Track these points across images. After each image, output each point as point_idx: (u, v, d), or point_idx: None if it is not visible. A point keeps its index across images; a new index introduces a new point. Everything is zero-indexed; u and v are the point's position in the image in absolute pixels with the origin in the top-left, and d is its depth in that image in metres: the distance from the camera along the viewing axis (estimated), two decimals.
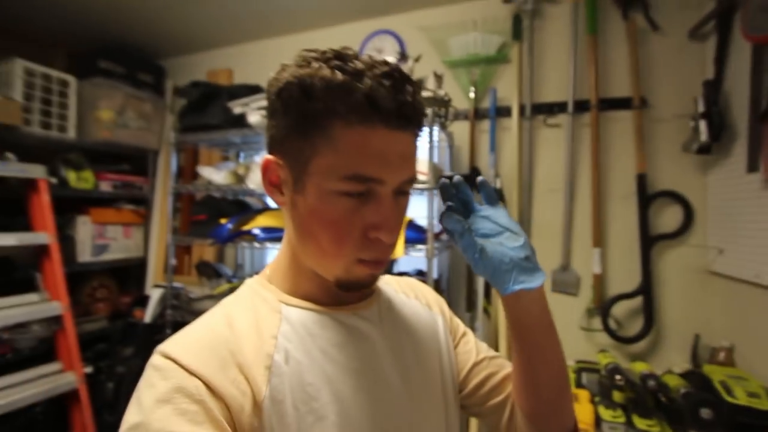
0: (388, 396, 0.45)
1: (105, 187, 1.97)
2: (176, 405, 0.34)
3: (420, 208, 1.30)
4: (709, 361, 1.30)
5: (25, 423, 1.54)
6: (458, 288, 1.70)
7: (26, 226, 1.56)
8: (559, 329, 0.52)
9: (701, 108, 1.24)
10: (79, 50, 2.05)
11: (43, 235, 1.52)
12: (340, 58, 0.39)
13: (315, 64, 0.38)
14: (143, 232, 2.19)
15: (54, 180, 1.74)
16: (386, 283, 0.58)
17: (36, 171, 1.53)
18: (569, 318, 1.53)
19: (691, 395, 1.07)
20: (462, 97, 1.69)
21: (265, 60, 2.01)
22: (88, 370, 1.71)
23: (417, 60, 1.30)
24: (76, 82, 1.85)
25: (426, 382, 0.51)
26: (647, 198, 1.42)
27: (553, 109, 1.57)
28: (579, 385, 1.34)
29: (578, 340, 1.52)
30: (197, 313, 1.84)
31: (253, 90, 1.54)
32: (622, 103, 1.47)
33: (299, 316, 0.45)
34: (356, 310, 0.48)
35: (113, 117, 1.91)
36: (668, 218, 1.43)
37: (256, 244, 1.43)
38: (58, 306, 1.51)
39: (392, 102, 0.38)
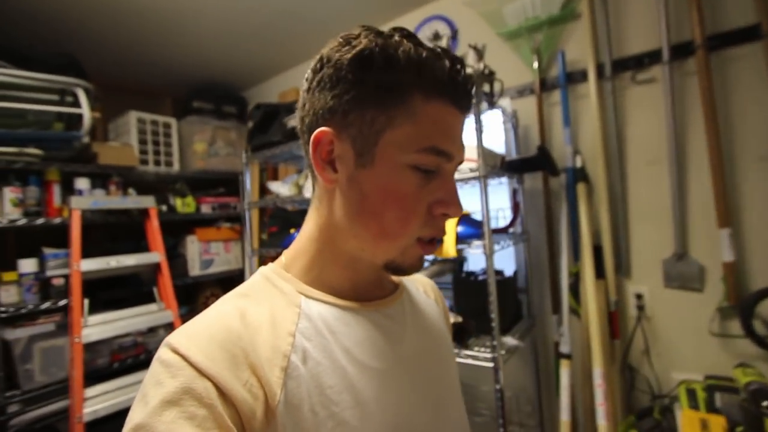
0: (411, 400, 0.43)
1: (205, 209, 2.27)
2: (184, 408, 0.32)
3: (472, 201, 1.17)
4: None
5: None
6: (540, 287, 1.48)
7: (146, 248, 1.87)
8: (680, 335, 0.44)
9: None
10: (179, 94, 2.41)
11: (156, 255, 1.79)
12: (413, 35, 0.40)
13: (396, 37, 0.39)
14: (240, 245, 2.45)
15: (164, 207, 2.06)
16: (410, 279, 0.56)
17: (147, 201, 1.83)
18: (693, 321, 1.20)
19: None
20: (525, 70, 1.48)
21: None
22: None
23: (478, 49, 1.15)
24: (176, 123, 2.17)
25: (448, 384, 0.50)
26: None
27: (643, 61, 1.26)
28: (711, 408, 1.03)
29: (708, 349, 1.18)
30: None
31: None
32: (744, 35, 1.11)
33: (320, 310, 0.42)
34: (381, 306, 0.46)
35: (205, 148, 2.19)
36: None
37: None
38: (170, 314, 1.77)
39: (463, 85, 0.41)
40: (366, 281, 0.45)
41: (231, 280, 2.48)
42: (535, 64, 1.44)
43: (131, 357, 1.85)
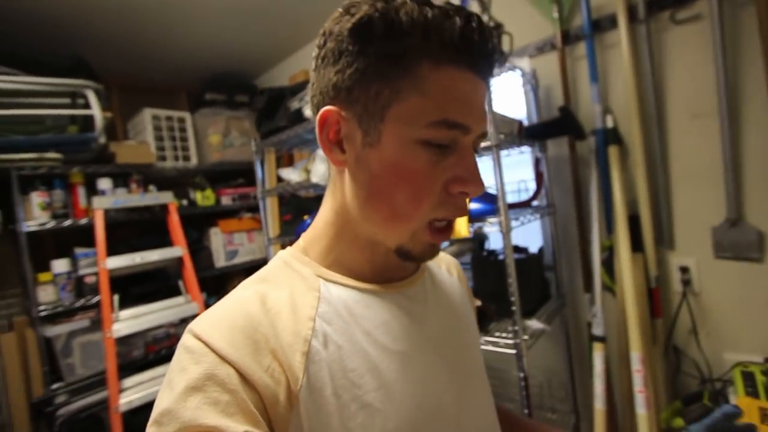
0: (436, 381, 0.42)
1: (226, 201, 2.28)
2: (208, 394, 0.32)
3: (487, 174, 1.06)
4: None
5: None
6: (570, 264, 1.36)
7: (170, 242, 1.91)
8: (734, 312, 0.41)
9: None
10: (194, 88, 2.41)
11: (177, 249, 1.83)
12: None
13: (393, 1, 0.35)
14: (263, 235, 2.47)
15: (185, 202, 2.09)
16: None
17: (165, 197, 1.86)
18: (750, 295, 1.05)
19: None
20: (544, 23, 1.32)
21: None
22: None
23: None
24: (190, 117, 2.17)
25: (472, 364, 0.49)
26: None
27: None
28: None
29: None
30: None
31: (307, 83, 1.53)
32: None
33: (340, 294, 0.41)
34: (402, 288, 0.45)
35: (220, 139, 2.18)
36: None
37: None
38: (195, 306, 1.81)
39: (481, 45, 0.36)
40: (385, 263, 0.44)
41: (257, 269, 2.51)
42: (555, 14, 1.27)
43: (165, 348, 1.93)
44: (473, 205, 1.07)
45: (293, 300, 0.40)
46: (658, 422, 1.05)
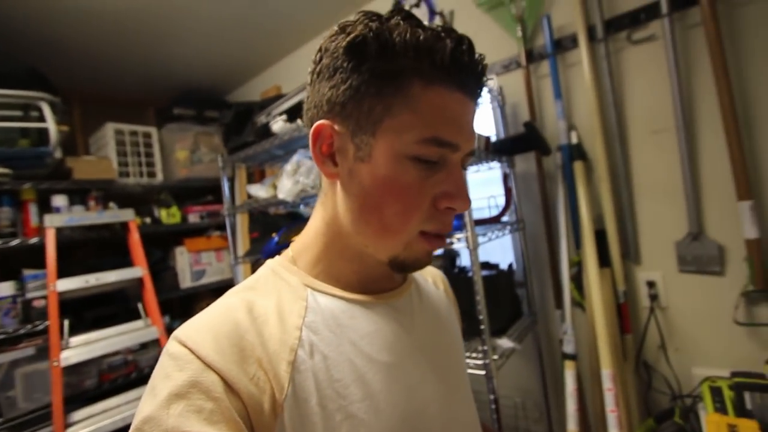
0: (421, 392, 0.43)
1: (193, 218, 2.20)
2: (191, 401, 0.32)
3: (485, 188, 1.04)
4: None
5: None
6: (541, 280, 1.34)
7: (131, 263, 1.80)
8: (700, 326, 0.44)
9: None
10: (162, 103, 2.35)
11: (137, 269, 1.73)
12: (413, 16, 0.38)
13: (393, 20, 0.37)
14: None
15: (148, 220, 1.99)
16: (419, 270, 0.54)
17: (126, 215, 1.77)
18: (715, 309, 1.05)
19: None
20: (509, 42, 1.34)
21: (306, 64, 1.98)
22: None
23: (443, 15, 1.04)
24: (157, 132, 2.10)
25: (457, 375, 0.50)
26: None
27: (639, 17, 1.11)
28: (741, 410, 0.89)
29: (733, 340, 1.03)
30: None
31: (276, 99, 1.50)
32: None
33: (327, 304, 0.42)
34: (389, 299, 0.45)
35: (187, 155, 2.12)
36: None
37: None
38: (155, 330, 1.70)
39: (471, 66, 0.38)
40: (374, 274, 0.45)
41: (225, 290, 2.41)
42: (519, 33, 1.30)
43: (122, 376, 1.79)
44: None
45: (280, 309, 0.40)
46: None
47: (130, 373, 1.82)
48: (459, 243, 1.00)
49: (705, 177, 1.06)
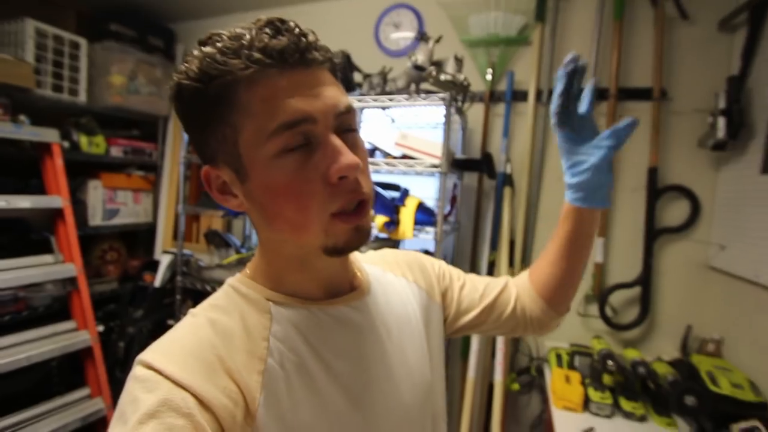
0: (385, 388, 0.46)
1: (115, 152, 1.98)
2: (162, 420, 0.32)
3: (430, 190, 1.31)
4: (698, 351, 1.35)
5: (41, 376, 1.62)
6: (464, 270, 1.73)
7: (40, 189, 1.58)
8: None
9: (722, 104, 1.23)
10: (88, 11, 2.00)
11: (57, 199, 1.54)
12: (212, 35, 0.38)
13: (190, 57, 0.38)
14: (152, 198, 2.22)
15: (66, 144, 1.75)
16: (372, 263, 0.57)
17: (50, 135, 1.54)
18: None
19: (678, 383, 1.13)
20: (479, 79, 1.66)
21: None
22: (100, 329, 1.77)
23: (438, 41, 1.28)
24: (87, 45, 1.82)
25: (424, 366, 0.51)
26: (656, 192, 1.43)
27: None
28: (571, 367, 1.40)
29: (574, 324, 1.57)
30: (207, 281, 1.82)
31: None
32: (642, 94, 1.45)
33: (290, 314, 0.43)
34: (348, 301, 0.47)
35: (125, 82, 1.89)
36: (675, 212, 1.45)
37: None
38: (72, 268, 1.56)
39: (281, 43, 0.37)
40: (328, 278, 0.46)
41: (135, 235, 2.24)
42: (489, 76, 1.63)
43: (10, 313, 1.59)
44: (419, 215, 1.31)
45: (245, 323, 0.41)
46: (504, 385, 1.49)
47: (20, 311, 1.62)
48: (427, 235, 1.29)
49: None
